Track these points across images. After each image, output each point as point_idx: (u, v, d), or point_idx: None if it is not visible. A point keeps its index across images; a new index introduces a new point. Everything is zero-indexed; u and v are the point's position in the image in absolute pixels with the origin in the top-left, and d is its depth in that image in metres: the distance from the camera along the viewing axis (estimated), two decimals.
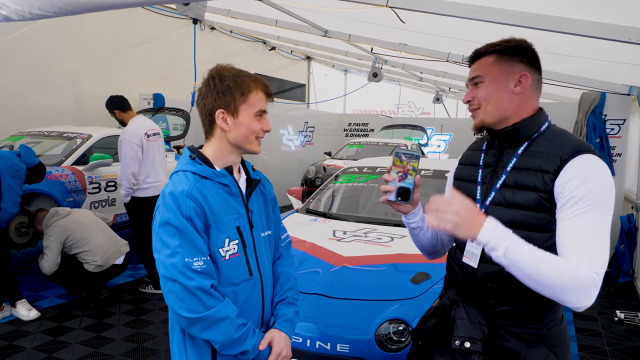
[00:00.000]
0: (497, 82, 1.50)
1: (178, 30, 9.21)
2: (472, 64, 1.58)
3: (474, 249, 1.54)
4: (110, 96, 4.78)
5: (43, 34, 7.16)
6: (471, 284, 1.56)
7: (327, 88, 14.77)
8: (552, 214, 1.40)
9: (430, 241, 1.77)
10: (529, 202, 1.42)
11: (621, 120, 6.38)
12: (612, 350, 3.89)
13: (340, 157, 10.19)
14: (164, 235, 1.46)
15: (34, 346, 3.73)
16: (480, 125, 1.54)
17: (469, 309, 1.54)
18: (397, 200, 1.57)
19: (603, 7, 3.24)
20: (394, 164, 1.56)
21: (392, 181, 1.56)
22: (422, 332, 1.67)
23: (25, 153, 4.29)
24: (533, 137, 1.50)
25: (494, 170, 1.55)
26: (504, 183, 1.49)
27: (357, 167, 4.61)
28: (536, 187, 1.42)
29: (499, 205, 1.49)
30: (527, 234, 1.40)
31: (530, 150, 1.48)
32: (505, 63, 1.50)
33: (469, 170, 1.66)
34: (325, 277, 2.89)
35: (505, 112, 1.50)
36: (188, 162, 1.55)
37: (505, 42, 1.51)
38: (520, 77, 1.49)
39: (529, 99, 1.51)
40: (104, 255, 4.42)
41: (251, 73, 1.60)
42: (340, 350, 2.48)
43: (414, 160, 1.55)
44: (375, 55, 8.24)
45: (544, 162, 1.42)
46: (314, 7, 5.50)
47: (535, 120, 1.51)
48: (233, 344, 1.48)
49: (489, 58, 1.52)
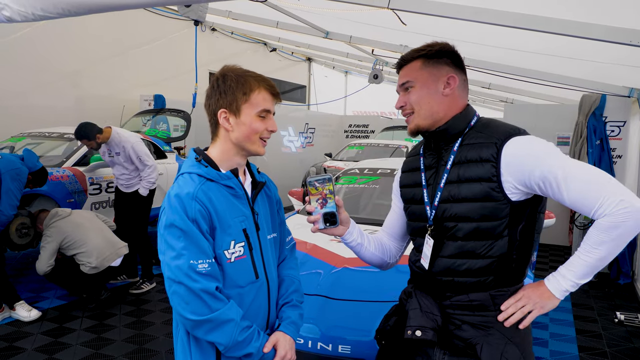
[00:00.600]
0: (427, 86, 1.56)
1: (179, 32, 9.23)
2: (400, 70, 1.62)
3: (427, 251, 1.59)
4: (80, 126, 4.72)
5: (44, 35, 7.17)
6: (428, 279, 1.60)
7: (327, 89, 14.80)
8: (502, 202, 1.45)
9: (377, 255, 1.83)
10: (475, 193, 1.48)
11: (621, 122, 6.38)
12: (612, 352, 3.89)
13: (340, 158, 10.20)
14: (169, 237, 1.45)
15: (34, 347, 3.73)
16: (416, 129, 1.60)
17: (422, 300, 1.58)
18: (327, 226, 1.62)
19: (604, 10, 3.25)
20: (310, 194, 1.59)
21: (315, 210, 1.60)
22: (384, 330, 1.69)
23: (28, 157, 4.32)
24: (465, 132, 1.56)
25: (436, 170, 1.61)
26: (447, 180, 1.54)
27: (357, 168, 4.61)
28: (481, 178, 1.47)
29: (447, 202, 1.54)
30: (476, 225, 1.48)
31: (465, 143, 1.54)
32: (432, 67, 1.56)
33: (412, 175, 1.71)
34: (327, 279, 2.89)
35: (437, 113, 1.56)
36: (194, 164, 1.55)
37: (429, 46, 1.57)
38: (448, 79, 1.55)
39: (457, 99, 1.58)
40: (99, 257, 4.42)
41: (258, 73, 1.58)
42: (342, 351, 2.48)
43: (328, 184, 1.58)
44: (376, 57, 8.24)
45: (480, 151, 1.48)
46: (315, 8, 5.51)
47: (464, 116, 1.57)
48: (237, 346, 1.47)
49: (416, 63, 1.58)
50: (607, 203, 1.34)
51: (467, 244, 1.50)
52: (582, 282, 1.43)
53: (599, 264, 1.41)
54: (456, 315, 1.54)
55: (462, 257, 1.52)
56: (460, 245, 1.52)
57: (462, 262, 1.51)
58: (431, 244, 1.57)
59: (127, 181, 5.07)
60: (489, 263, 1.49)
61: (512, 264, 1.51)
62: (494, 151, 1.46)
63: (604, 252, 1.38)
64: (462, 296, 1.52)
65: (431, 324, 1.51)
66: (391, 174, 4.30)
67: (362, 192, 4.39)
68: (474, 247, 1.50)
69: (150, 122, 7.59)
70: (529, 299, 1.47)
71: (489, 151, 1.46)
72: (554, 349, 3.90)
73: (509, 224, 1.47)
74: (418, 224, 1.66)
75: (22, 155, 4.34)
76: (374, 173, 4.40)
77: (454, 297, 1.54)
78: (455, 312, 1.54)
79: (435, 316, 1.53)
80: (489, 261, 1.49)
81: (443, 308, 1.56)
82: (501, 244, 1.48)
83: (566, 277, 1.43)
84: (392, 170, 4.35)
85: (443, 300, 1.56)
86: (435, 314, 1.53)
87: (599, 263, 1.40)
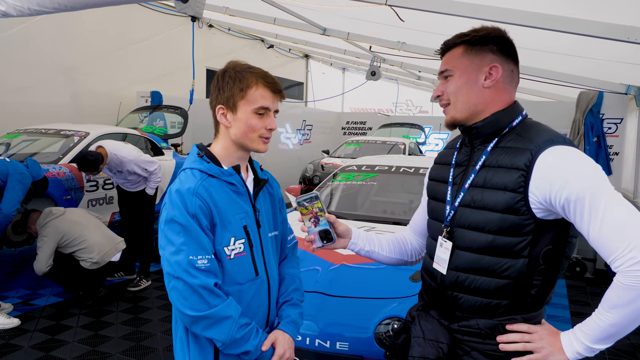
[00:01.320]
0: (466, 76, 1.41)
1: (176, 28, 9.20)
2: (443, 56, 1.48)
3: (443, 254, 1.47)
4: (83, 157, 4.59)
5: (41, 30, 7.13)
6: (439, 294, 1.49)
7: (325, 86, 14.78)
8: (525, 217, 1.30)
9: (393, 257, 1.77)
10: (497, 203, 1.33)
11: (618, 119, 6.40)
12: (610, 349, 3.91)
13: (338, 155, 10.20)
14: (169, 233, 1.45)
15: (31, 344, 3.72)
16: (452, 121, 1.46)
17: (425, 326, 1.47)
18: (324, 244, 1.60)
19: (602, 7, 3.25)
20: (302, 214, 1.58)
21: (309, 230, 1.59)
22: (393, 349, 1.62)
23: (33, 166, 4.43)
24: (504, 132, 1.41)
25: (465, 169, 1.47)
26: (473, 182, 1.41)
27: (355, 165, 4.60)
28: (506, 187, 1.32)
29: (467, 207, 1.41)
30: (492, 238, 1.34)
31: (500, 146, 1.39)
32: (475, 55, 1.40)
33: (442, 169, 1.58)
34: (325, 275, 2.89)
35: (475, 107, 1.41)
36: (196, 159, 1.54)
37: (475, 31, 1.42)
38: (491, 69, 1.39)
39: (502, 92, 1.41)
40: (100, 252, 4.41)
41: (260, 69, 1.55)
42: (340, 348, 2.48)
43: (316, 201, 1.56)
44: (374, 53, 8.23)
45: (514, 157, 1.33)
46: (313, 5, 5.49)
47: (507, 114, 1.41)
48: (235, 344, 1.47)
49: (458, 50, 1.43)
50: (627, 257, 1.16)
51: (482, 258, 1.36)
52: (598, 347, 1.26)
53: (614, 331, 1.23)
54: (465, 342, 1.41)
55: (474, 273, 1.38)
56: (474, 260, 1.38)
57: (474, 278, 1.38)
58: (449, 246, 1.44)
59: (133, 184, 5.04)
60: (505, 284, 1.34)
61: (532, 289, 1.35)
62: (528, 159, 1.29)
63: (617, 318, 1.21)
64: (471, 322, 1.40)
65: (435, 354, 1.40)
66: (389, 170, 4.30)
67: (359, 189, 4.38)
68: (489, 263, 1.35)
69: (147, 118, 7.56)
70: (539, 340, 1.33)
71: (523, 158, 1.30)
72: None
73: (531, 243, 1.31)
74: (435, 222, 1.55)
75: (26, 163, 4.43)
76: (372, 170, 4.39)
77: (463, 321, 1.41)
78: (464, 338, 1.41)
79: (441, 344, 1.41)
80: (504, 282, 1.34)
81: (451, 332, 1.44)
82: (519, 265, 1.32)
83: (579, 338, 1.28)
84: (390, 167, 4.34)
85: (451, 322, 1.44)
86: (441, 342, 1.42)
87: (612, 329, 1.23)
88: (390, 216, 3.88)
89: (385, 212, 4.06)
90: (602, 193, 1.22)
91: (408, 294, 2.69)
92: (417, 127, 11.80)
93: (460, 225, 1.43)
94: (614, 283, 1.21)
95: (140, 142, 6.38)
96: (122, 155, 4.77)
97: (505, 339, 1.36)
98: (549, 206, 1.28)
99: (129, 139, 6.11)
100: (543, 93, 8.28)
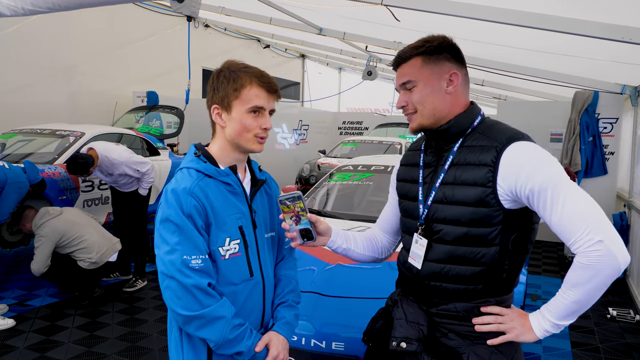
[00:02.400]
0: (430, 85, 1.49)
1: (172, 28, 9.19)
2: (398, 68, 1.56)
3: (418, 250, 1.55)
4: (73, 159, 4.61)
5: (37, 30, 7.11)
6: (416, 283, 1.57)
7: (321, 86, 14.78)
8: (494, 209, 1.40)
9: (366, 254, 1.83)
10: (468, 197, 1.43)
11: (614, 119, 6.42)
12: (604, 347, 3.92)
13: (334, 155, 10.21)
14: (163, 232, 1.45)
15: (26, 345, 3.70)
16: (419, 128, 1.54)
17: (407, 309, 1.55)
18: (305, 241, 1.63)
19: (597, 7, 3.25)
20: (283, 212, 1.59)
21: (290, 228, 1.61)
22: (371, 333, 1.68)
23: (30, 170, 4.41)
24: (467, 132, 1.51)
25: (434, 169, 1.56)
26: (443, 181, 1.50)
27: (351, 165, 4.60)
28: (476, 182, 1.42)
29: (440, 203, 1.50)
30: (466, 230, 1.44)
31: (465, 145, 1.49)
32: (433, 64, 1.49)
33: (410, 170, 1.67)
34: (320, 275, 2.89)
35: (441, 112, 1.50)
36: (193, 159, 1.54)
37: (427, 42, 1.50)
38: (451, 76, 1.49)
39: (460, 96, 1.52)
40: (99, 252, 4.40)
41: (256, 69, 1.55)
42: (336, 348, 2.48)
43: (298, 201, 1.58)
44: (370, 53, 8.24)
45: (480, 155, 1.43)
46: (309, 4, 5.49)
47: (468, 115, 1.52)
48: (228, 344, 1.46)
49: (416, 61, 1.51)
50: (584, 240, 1.28)
51: (458, 249, 1.46)
52: (563, 323, 1.37)
53: (576, 307, 1.35)
54: (443, 324, 1.50)
55: (451, 263, 1.48)
56: (450, 250, 1.48)
57: (451, 267, 1.48)
58: (424, 243, 1.53)
59: (125, 185, 5.02)
60: (479, 271, 1.45)
61: (503, 273, 1.46)
62: (494, 155, 1.40)
63: (578, 295, 1.32)
64: (449, 305, 1.49)
65: (416, 335, 1.48)
66: (385, 170, 4.30)
67: (355, 189, 4.38)
68: (464, 253, 1.45)
69: (143, 118, 7.54)
70: (511, 321, 1.43)
71: (489, 155, 1.41)
72: (547, 344, 3.92)
73: (501, 232, 1.42)
74: (410, 221, 1.63)
75: (23, 166, 4.40)
76: (368, 170, 4.39)
77: (440, 305, 1.50)
78: (441, 321, 1.51)
79: (421, 326, 1.50)
80: (478, 269, 1.45)
81: (430, 315, 1.53)
82: (492, 252, 1.43)
83: (545, 317, 1.39)
84: (386, 167, 4.34)
85: (430, 307, 1.53)
86: (422, 324, 1.50)
87: (575, 306, 1.34)
88: None
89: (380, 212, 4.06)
90: (562, 184, 1.34)
91: None
92: None
93: (435, 220, 1.52)
94: (574, 264, 1.33)
95: (136, 142, 6.37)
96: (113, 157, 4.75)
97: (480, 321, 1.46)
98: (515, 197, 1.39)
99: (125, 139, 6.09)
100: (539, 93, 8.30)
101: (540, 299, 4.94)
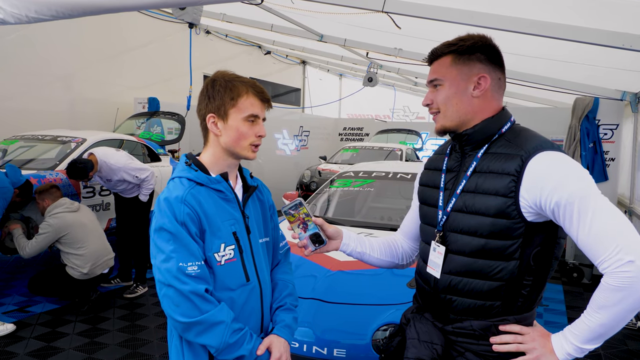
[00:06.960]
0: (455, 86, 1.43)
1: (173, 35, 9.22)
2: (431, 64, 1.50)
3: (436, 259, 1.49)
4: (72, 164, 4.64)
5: (38, 37, 7.13)
6: (433, 297, 1.51)
7: (322, 92, 14.81)
8: (515, 221, 1.32)
9: (384, 259, 1.77)
10: (488, 208, 1.36)
11: (614, 125, 6.42)
12: (606, 354, 3.91)
13: (335, 161, 10.20)
14: (158, 241, 1.47)
15: (27, 352, 3.69)
16: (442, 129, 1.48)
17: (420, 328, 1.49)
18: (317, 247, 1.62)
19: (598, 14, 3.27)
20: (290, 222, 1.60)
21: (300, 236, 1.61)
22: (388, 350, 1.63)
23: (12, 173, 4.34)
24: (494, 139, 1.44)
25: (456, 175, 1.49)
26: (464, 188, 1.43)
27: (352, 171, 4.61)
28: (498, 192, 1.34)
29: (459, 212, 1.43)
30: (484, 242, 1.37)
31: (490, 152, 1.42)
32: (463, 64, 1.42)
33: (432, 175, 1.60)
34: (322, 282, 2.89)
35: (465, 115, 1.44)
36: (184, 168, 1.57)
37: (462, 40, 1.43)
38: (479, 79, 1.42)
39: (490, 100, 1.45)
40: (94, 264, 4.41)
41: (249, 79, 1.59)
42: (337, 355, 2.48)
43: (301, 207, 1.59)
44: (371, 60, 8.27)
45: (504, 163, 1.36)
46: (310, 12, 5.52)
47: (496, 120, 1.44)
48: (229, 349, 1.47)
49: (446, 59, 1.44)
50: (614, 259, 1.20)
51: (475, 262, 1.39)
52: (587, 347, 1.28)
53: (602, 331, 1.25)
54: (459, 343, 1.43)
55: (468, 276, 1.41)
56: (467, 263, 1.40)
57: (468, 281, 1.40)
58: (442, 250, 1.46)
59: (126, 190, 5.04)
60: (497, 286, 1.37)
61: (524, 289, 1.37)
62: (518, 164, 1.32)
63: (605, 318, 1.23)
64: (465, 323, 1.42)
65: (429, 355, 1.42)
66: (386, 177, 4.30)
67: (357, 195, 4.39)
68: (482, 266, 1.38)
69: (144, 125, 7.55)
70: (532, 341, 1.35)
71: (514, 164, 1.33)
72: None
73: (522, 246, 1.33)
74: (428, 227, 1.57)
75: (5, 171, 4.34)
76: (369, 176, 4.40)
77: (456, 323, 1.43)
78: (457, 339, 1.43)
79: (435, 345, 1.43)
80: (496, 284, 1.37)
81: (445, 334, 1.46)
82: (511, 267, 1.35)
83: (569, 339, 1.30)
84: (387, 173, 4.35)
85: (445, 324, 1.46)
86: (435, 343, 1.43)
87: (601, 330, 1.25)
88: (387, 222, 3.88)
89: (382, 219, 4.06)
90: (591, 198, 1.25)
91: (405, 300, 2.69)
92: (414, 133, 11.82)
93: (453, 230, 1.45)
94: (602, 284, 1.24)
95: (137, 148, 6.38)
96: (111, 163, 4.77)
97: (498, 340, 1.37)
98: (539, 210, 1.31)
99: (126, 145, 6.10)
100: (539, 99, 8.32)
101: (540, 305, 4.93)
